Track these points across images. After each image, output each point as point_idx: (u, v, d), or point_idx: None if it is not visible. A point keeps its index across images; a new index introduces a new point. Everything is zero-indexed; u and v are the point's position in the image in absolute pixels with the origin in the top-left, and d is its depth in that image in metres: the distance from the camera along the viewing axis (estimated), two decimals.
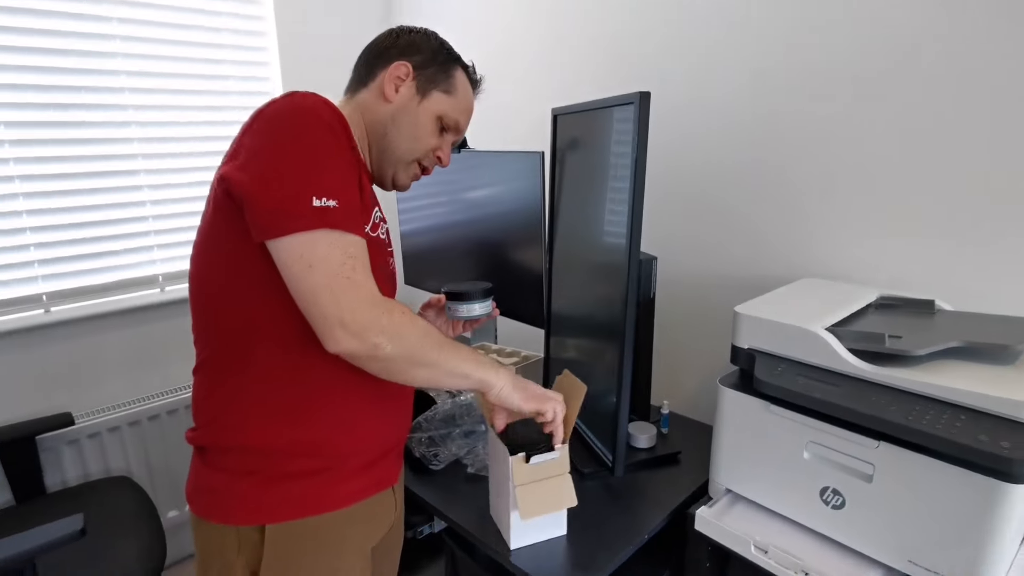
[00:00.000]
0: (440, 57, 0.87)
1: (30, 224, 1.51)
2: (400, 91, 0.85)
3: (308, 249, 0.66)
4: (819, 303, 0.94)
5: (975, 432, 0.67)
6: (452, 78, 0.87)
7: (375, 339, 0.68)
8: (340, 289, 0.67)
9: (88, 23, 1.52)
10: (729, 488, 0.96)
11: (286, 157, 0.68)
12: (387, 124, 0.85)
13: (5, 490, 1.48)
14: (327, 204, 0.67)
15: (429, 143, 0.88)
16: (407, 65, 0.84)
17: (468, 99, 0.91)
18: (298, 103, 0.71)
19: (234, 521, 0.76)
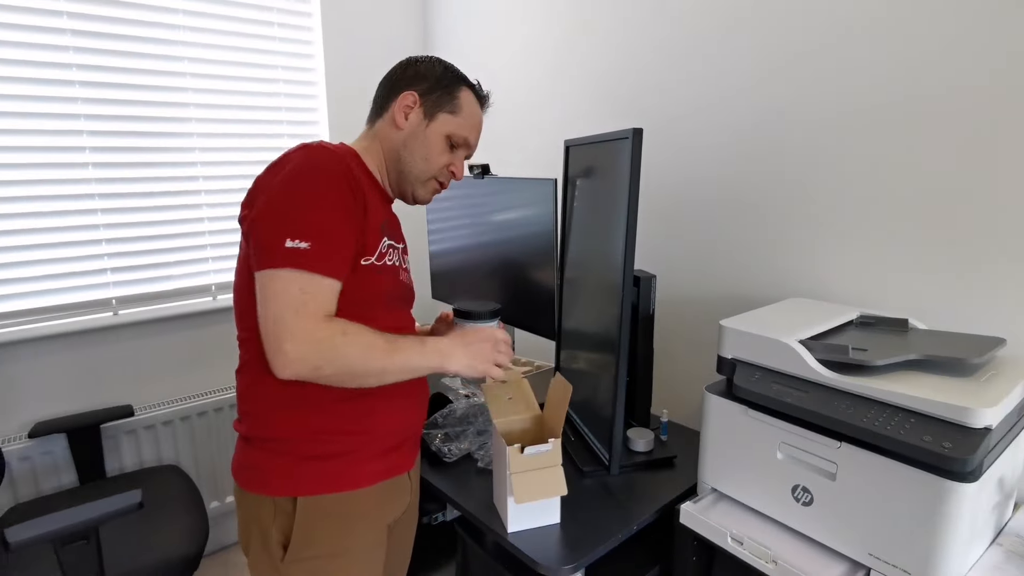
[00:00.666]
0: (444, 81, 0.96)
1: (106, 236, 1.71)
2: (409, 118, 0.95)
3: (270, 284, 0.77)
4: (799, 319, 1.02)
5: (921, 434, 0.75)
6: (456, 99, 0.97)
7: (314, 363, 0.76)
8: (287, 320, 0.76)
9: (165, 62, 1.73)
10: (714, 487, 1.04)
11: (276, 202, 0.80)
12: (400, 149, 0.96)
13: (71, 472, 1.66)
14: (298, 246, 0.77)
15: (440, 161, 0.97)
16: (413, 94, 0.95)
17: (475, 115, 1.00)
18: (304, 155, 0.83)
19: (271, 492, 0.88)
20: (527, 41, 1.81)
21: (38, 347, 1.64)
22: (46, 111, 1.58)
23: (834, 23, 1.11)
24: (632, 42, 1.48)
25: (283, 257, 0.77)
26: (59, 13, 1.56)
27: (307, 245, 0.77)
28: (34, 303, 1.64)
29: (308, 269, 0.78)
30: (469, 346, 0.90)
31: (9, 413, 1.63)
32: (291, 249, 0.77)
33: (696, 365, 1.45)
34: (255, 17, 1.87)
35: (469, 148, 1.01)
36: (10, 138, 1.54)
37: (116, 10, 1.63)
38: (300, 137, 2.04)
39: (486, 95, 1.03)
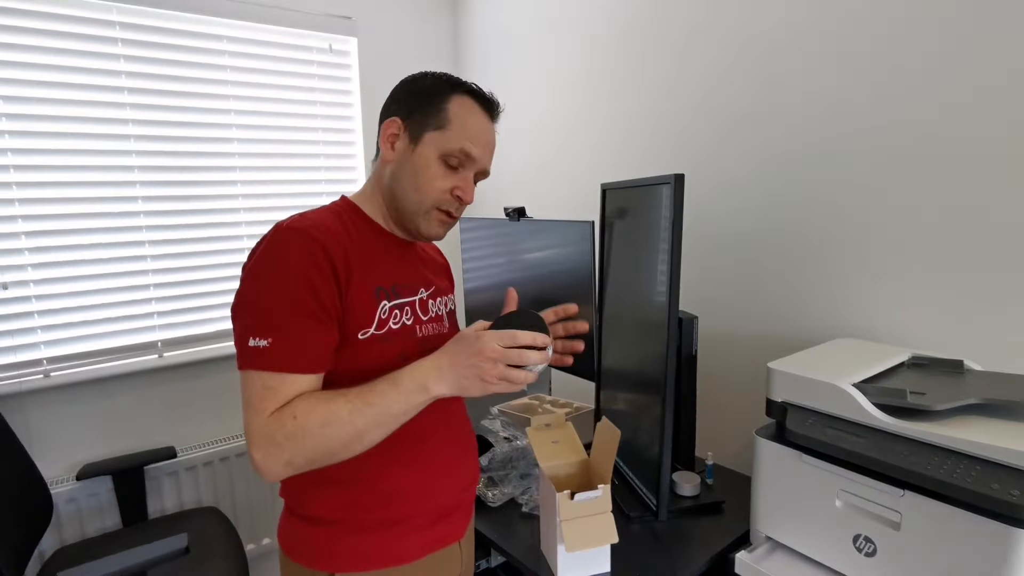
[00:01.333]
0: (426, 97, 0.85)
1: (154, 281, 1.78)
2: (396, 146, 0.86)
3: (242, 385, 0.75)
4: (849, 361, 1.01)
5: (989, 481, 0.73)
6: (443, 111, 0.84)
7: (283, 457, 0.72)
8: (247, 424, 0.74)
9: (212, 115, 1.82)
10: (769, 535, 1.01)
11: (240, 296, 0.78)
12: (391, 183, 0.86)
13: (115, 514, 1.69)
14: (259, 344, 0.73)
15: (435, 186, 0.84)
16: (396, 120, 0.85)
17: (472, 124, 0.85)
18: (267, 247, 0.78)
19: (308, 564, 0.84)
20: (561, 84, 1.86)
21: (88, 390, 1.69)
22: (104, 164, 1.67)
23: (885, 57, 1.13)
24: (670, 81, 1.52)
25: (247, 358, 0.75)
26: (118, 73, 1.66)
27: (266, 343, 0.73)
28: (86, 347, 1.69)
29: (269, 368, 0.74)
30: (455, 365, 0.76)
31: (59, 455, 1.67)
32: (253, 348, 0.74)
33: (739, 407, 1.43)
34: (297, 69, 1.96)
35: (475, 162, 0.86)
36: (65, 190, 1.63)
37: (168, 68, 1.73)
38: (337, 183, 2.11)
39: (489, 96, 0.88)
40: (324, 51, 2.01)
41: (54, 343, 1.65)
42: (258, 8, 1.83)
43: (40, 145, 1.58)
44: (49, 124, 1.58)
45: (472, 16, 2.22)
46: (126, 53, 1.66)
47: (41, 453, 1.63)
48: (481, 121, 0.87)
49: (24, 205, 1.57)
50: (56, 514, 1.61)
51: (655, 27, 1.52)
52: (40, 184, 1.59)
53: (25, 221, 1.58)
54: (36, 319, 1.62)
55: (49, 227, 1.61)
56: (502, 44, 2.09)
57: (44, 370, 1.64)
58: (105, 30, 1.62)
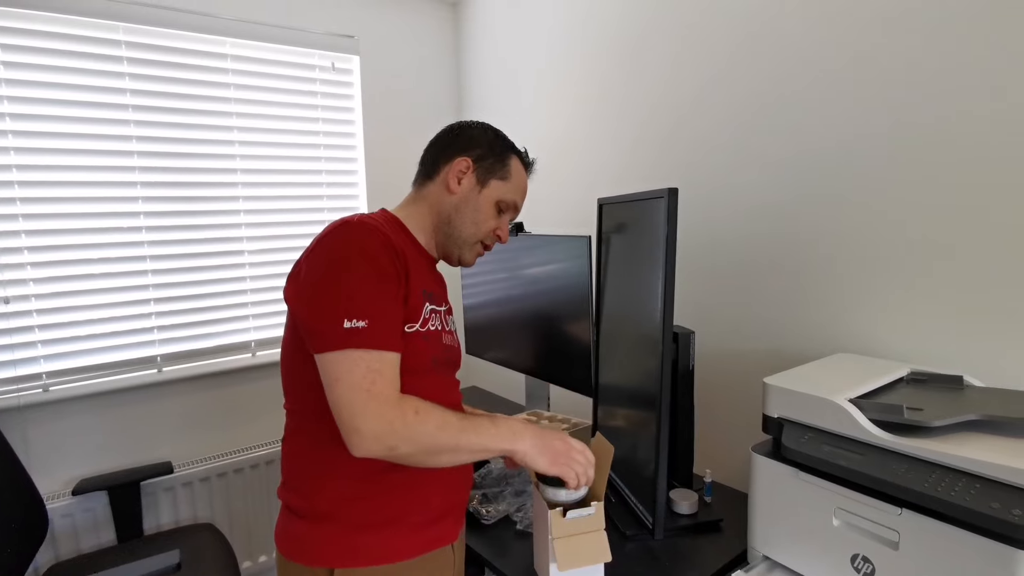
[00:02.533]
0: (496, 149, 1.00)
1: (154, 296, 1.78)
2: (462, 183, 0.98)
3: (335, 366, 0.78)
4: (847, 376, 0.99)
5: (988, 500, 0.71)
6: (507, 166, 1.00)
7: (389, 442, 0.77)
8: (358, 401, 0.77)
9: (214, 132, 1.84)
10: (766, 555, 0.99)
11: (327, 284, 0.81)
12: (451, 213, 0.98)
13: (111, 529, 1.68)
14: (356, 325, 0.78)
15: (489, 225, 1.00)
16: (467, 160, 0.98)
17: (523, 181, 1.04)
18: (344, 235, 0.84)
19: (308, 562, 0.88)
20: (560, 101, 1.87)
21: (86, 404, 1.69)
22: (108, 180, 1.69)
23: (886, 65, 1.13)
24: (666, 95, 1.52)
25: (344, 338, 0.78)
26: (123, 91, 1.68)
27: (364, 323, 0.79)
28: (84, 361, 1.70)
29: (370, 347, 0.79)
30: (546, 440, 0.89)
31: (56, 470, 1.67)
32: (350, 330, 0.78)
33: (740, 423, 1.41)
34: (300, 87, 1.99)
35: (516, 212, 1.04)
36: (67, 205, 1.64)
37: (171, 86, 1.76)
38: (339, 199, 2.12)
39: (532, 162, 1.07)
40: (327, 69, 2.04)
41: (54, 357, 1.66)
42: (261, 28, 1.87)
43: (44, 161, 1.60)
44: (54, 140, 1.60)
45: (473, 36, 2.25)
46: (131, 72, 1.69)
47: (38, 467, 1.63)
48: (526, 180, 1.05)
49: (28, 220, 1.59)
50: (51, 529, 1.60)
51: (649, 40, 1.53)
52: (44, 199, 1.61)
53: (28, 236, 1.60)
54: (37, 333, 1.63)
55: (51, 242, 1.63)
56: (503, 62, 2.11)
57: (43, 384, 1.64)
58: (111, 49, 1.66)
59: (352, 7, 2.05)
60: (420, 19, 2.23)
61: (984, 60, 0.98)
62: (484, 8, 2.17)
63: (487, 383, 2.31)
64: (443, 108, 2.33)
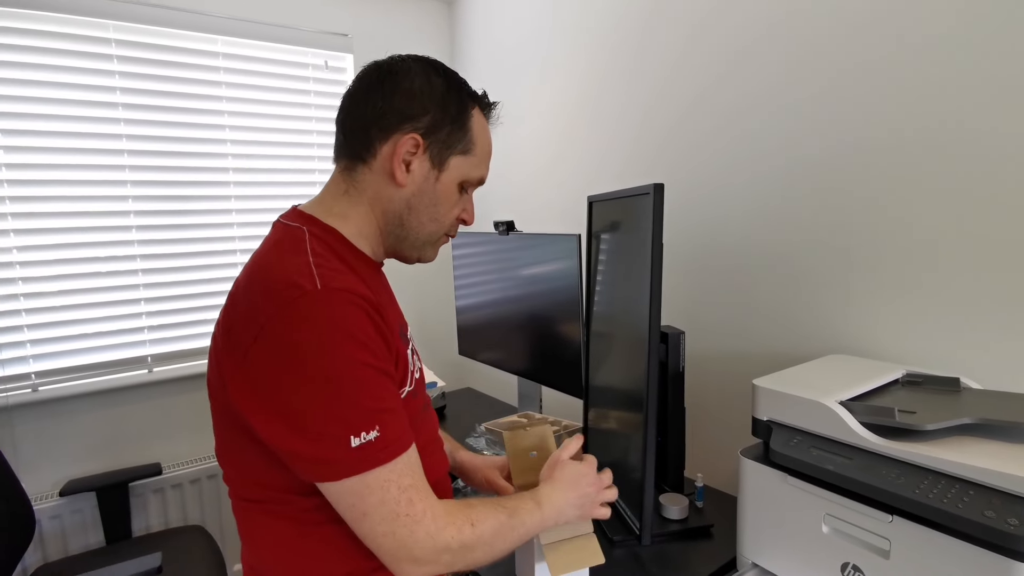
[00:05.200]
0: (452, 108, 0.74)
1: (145, 296, 1.77)
2: (412, 169, 0.73)
3: (358, 498, 0.63)
4: (839, 378, 0.96)
5: (982, 508, 0.68)
6: (469, 131, 0.75)
7: (447, 561, 0.67)
8: (403, 531, 0.64)
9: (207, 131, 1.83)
10: (755, 562, 0.96)
11: (311, 396, 0.60)
12: (403, 212, 0.75)
13: (99, 531, 1.66)
14: (367, 439, 0.62)
15: (452, 215, 0.79)
16: (415, 137, 0.72)
17: (488, 144, 0.79)
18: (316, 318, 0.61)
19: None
20: (551, 98, 1.85)
21: (76, 404, 1.68)
22: (94, 178, 1.68)
23: (882, 67, 1.10)
24: (661, 92, 1.50)
25: (357, 462, 0.62)
26: (113, 89, 1.67)
27: (376, 433, 0.62)
28: (74, 361, 1.69)
29: (388, 460, 0.63)
30: (579, 493, 0.82)
31: (43, 471, 1.65)
32: (362, 447, 0.61)
33: (732, 426, 1.38)
34: (293, 85, 1.97)
35: (482, 184, 0.82)
36: (57, 204, 1.64)
37: (163, 84, 1.75)
38: None
39: (493, 105, 0.81)
40: (320, 68, 2.02)
41: (43, 357, 1.65)
42: (254, 25, 1.85)
43: (34, 159, 1.59)
44: (43, 139, 1.60)
45: (468, 35, 2.23)
46: (121, 70, 1.68)
47: (26, 468, 1.62)
48: (490, 137, 0.79)
49: (16, 219, 1.58)
50: (39, 530, 1.59)
51: (647, 41, 1.51)
52: (33, 198, 1.60)
53: (17, 235, 1.59)
54: (26, 333, 1.62)
55: (41, 241, 1.62)
56: (498, 60, 2.09)
57: (32, 384, 1.63)
58: (101, 47, 1.65)
59: (346, 5, 2.04)
60: (415, 17, 2.22)
61: (982, 63, 0.95)
62: (480, 6, 2.15)
63: (480, 384, 2.29)
64: None
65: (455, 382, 2.35)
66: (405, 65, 0.74)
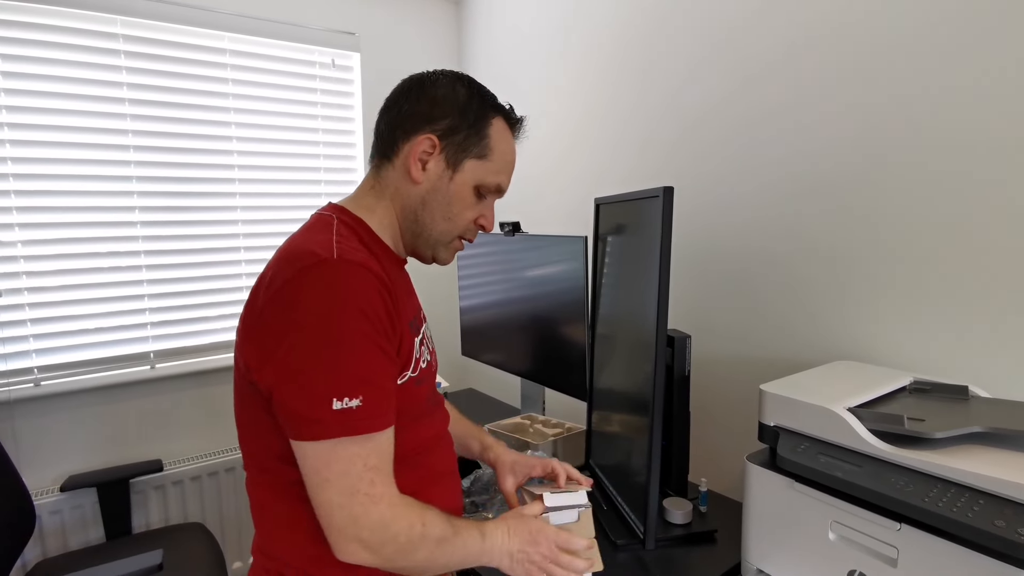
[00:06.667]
0: (470, 114, 0.78)
1: (149, 292, 1.77)
2: (428, 168, 0.77)
3: (324, 463, 0.64)
4: (846, 384, 0.96)
5: (992, 517, 0.68)
6: (487, 138, 0.78)
7: (389, 553, 0.67)
8: (358, 508, 0.64)
9: (211, 127, 1.83)
10: (760, 568, 0.95)
11: (307, 351, 0.63)
12: (417, 208, 0.79)
13: (99, 527, 1.66)
14: (349, 405, 0.63)
15: (467, 216, 0.81)
16: (431, 138, 0.76)
17: (508, 153, 0.82)
18: (330, 283, 0.65)
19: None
20: (558, 99, 1.84)
21: (77, 399, 1.68)
22: (99, 173, 1.67)
23: (882, 86, 1.10)
24: (671, 96, 1.49)
25: (333, 424, 0.63)
26: (120, 84, 1.67)
27: (358, 402, 0.64)
28: (76, 356, 1.69)
29: (365, 431, 0.65)
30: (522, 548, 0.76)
31: (44, 466, 1.65)
32: (341, 412, 0.63)
33: (737, 431, 1.37)
34: (299, 83, 1.97)
35: (501, 193, 0.84)
36: (61, 199, 1.63)
37: (169, 80, 1.74)
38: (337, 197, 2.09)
39: (520, 120, 0.85)
40: (327, 66, 2.02)
41: (46, 352, 1.65)
42: (261, 23, 1.85)
43: (40, 154, 1.59)
44: (49, 133, 1.59)
45: (476, 35, 2.23)
46: (128, 65, 1.68)
47: (27, 463, 1.61)
48: (513, 148, 0.83)
49: (22, 213, 1.58)
50: (40, 525, 1.59)
51: (657, 45, 1.50)
52: (39, 193, 1.60)
53: (22, 229, 1.59)
54: (29, 327, 1.62)
55: (46, 235, 1.62)
56: (506, 61, 2.09)
57: (35, 379, 1.63)
58: (109, 42, 1.65)
59: (354, 3, 2.04)
60: (422, 16, 2.21)
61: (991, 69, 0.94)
62: (487, 6, 2.15)
63: (483, 386, 2.28)
64: None
65: (457, 383, 2.35)
66: (435, 76, 0.81)
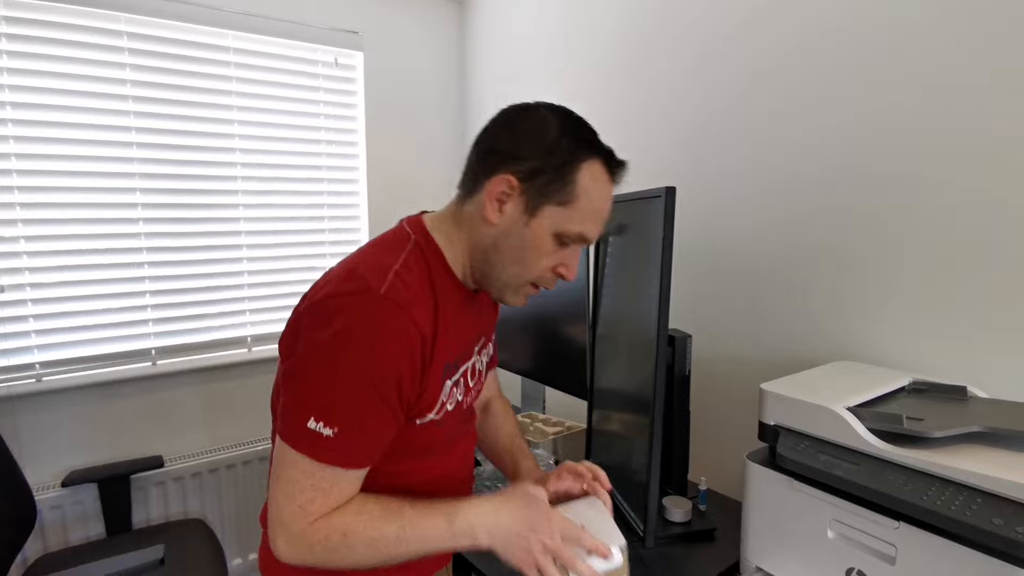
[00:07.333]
0: (558, 155, 0.71)
1: (150, 288, 1.77)
2: (504, 210, 0.73)
3: (281, 462, 0.68)
4: (846, 384, 0.97)
5: (990, 516, 0.68)
6: (572, 183, 0.71)
7: (309, 561, 0.69)
8: (287, 513, 0.67)
9: (214, 125, 1.83)
10: (759, 566, 0.96)
11: (313, 365, 0.66)
12: (488, 249, 0.75)
13: (100, 523, 1.66)
14: (320, 431, 0.65)
15: (541, 264, 0.75)
16: (510, 179, 0.71)
17: (598, 201, 0.75)
18: (360, 314, 0.66)
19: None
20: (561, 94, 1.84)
21: (78, 395, 1.68)
22: (102, 170, 1.68)
23: (875, 75, 1.10)
24: (675, 95, 1.50)
25: (302, 439, 0.66)
26: (123, 81, 1.68)
27: (331, 432, 0.65)
28: (78, 352, 1.69)
29: (326, 461, 0.66)
30: (512, 527, 0.72)
31: (45, 461, 1.65)
32: (312, 432, 0.65)
33: (738, 431, 1.38)
34: (302, 82, 1.97)
35: (587, 242, 0.78)
36: (64, 195, 1.64)
37: (172, 78, 1.75)
38: (340, 195, 2.10)
39: (621, 164, 0.78)
40: (330, 65, 2.03)
41: (47, 347, 1.65)
42: (264, 21, 1.86)
43: (43, 150, 1.59)
44: (53, 130, 1.60)
45: (479, 34, 2.23)
46: (132, 62, 1.68)
47: (28, 458, 1.61)
48: (607, 194, 0.76)
49: (25, 209, 1.59)
50: (40, 521, 1.59)
51: (661, 43, 1.51)
52: (42, 189, 1.60)
53: (25, 225, 1.59)
54: (31, 323, 1.63)
55: (48, 231, 1.62)
56: (508, 61, 2.09)
57: (36, 374, 1.64)
58: (113, 39, 1.65)
59: (357, 2, 2.04)
60: (425, 16, 2.22)
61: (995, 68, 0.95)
62: (490, 5, 2.15)
63: None
64: (447, 106, 2.31)
65: None
66: (530, 110, 0.76)
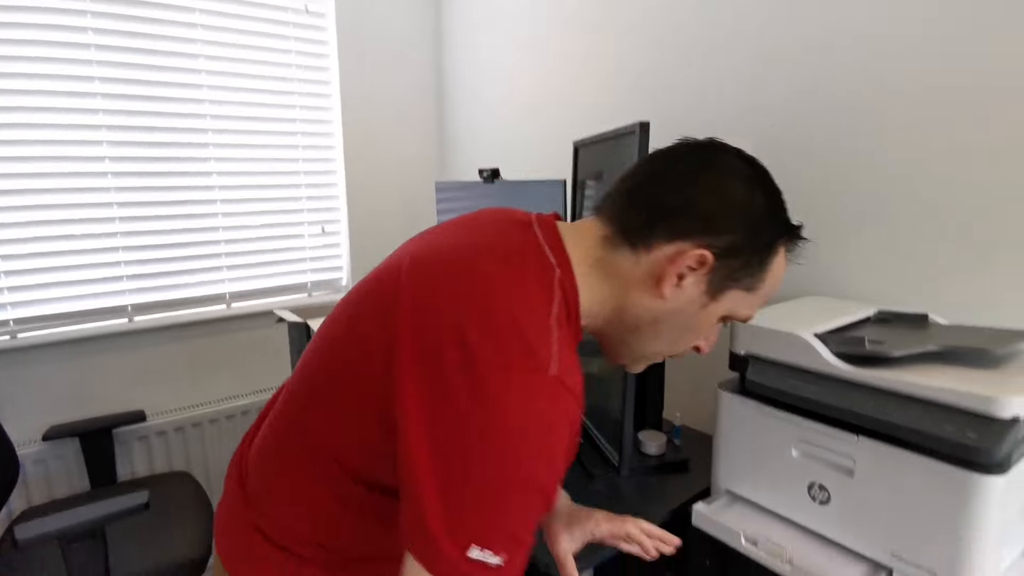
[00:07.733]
0: (761, 238, 0.60)
1: (123, 244, 1.74)
2: (683, 285, 0.59)
3: None
4: (815, 315, 1.00)
5: (942, 423, 0.72)
6: (765, 267, 0.61)
7: None
8: None
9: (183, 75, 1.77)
10: (729, 489, 1.00)
11: (480, 468, 0.51)
12: (643, 322, 0.62)
13: (84, 477, 1.67)
14: (487, 560, 0.51)
15: (691, 341, 0.66)
16: (705, 255, 0.57)
17: (778, 283, 0.64)
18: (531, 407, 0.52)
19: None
20: (536, 41, 1.82)
21: (55, 352, 1.66)
22: (68, 122, 1.62)
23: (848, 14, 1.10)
24: (640, 38, 1.49)
25: (460, 572, 0.52)
26: (84, 30, 1.61)
27: (499, 560, 0.52)
28: (52, 309, 1.67)
29: None
30: None
31: (25, 417, 1.64)
32: (475, 563, 0.51)
33: (712, 369, 1.42)
34: (271, 30, 1.91)
35: (745, 321, 0.67)
36: (32, 148, 1.59)
37: (137, 25, 1.68)
38: (314, 149, 2.06)
39: (804, 240, 0.65)
40: (300, 12, 1.96)
41: (21, 304, 1.63)
42: None
43: (7, 102, 1.53)
44: (12, 81, 1.53)
45: None
46: (94, 9, 1.61)
47: (8, 414, 1.60)
48: (782, 275, 0.64)
49: None
50: (23, 475, 1.59)
51: None
52: (6, 142, 1.55)
53: None
54: (3, 279, 1.59)
55: (16, 186, 1.57)
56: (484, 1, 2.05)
57: (11, 331, 1.61)
58: None
59: None
60: None
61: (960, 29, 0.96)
62: None
63: None
64: (421, 48, 2.24)
65: None
66: (729, 162, 0.62)
